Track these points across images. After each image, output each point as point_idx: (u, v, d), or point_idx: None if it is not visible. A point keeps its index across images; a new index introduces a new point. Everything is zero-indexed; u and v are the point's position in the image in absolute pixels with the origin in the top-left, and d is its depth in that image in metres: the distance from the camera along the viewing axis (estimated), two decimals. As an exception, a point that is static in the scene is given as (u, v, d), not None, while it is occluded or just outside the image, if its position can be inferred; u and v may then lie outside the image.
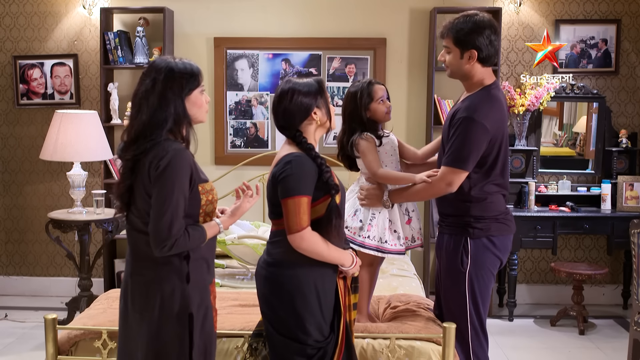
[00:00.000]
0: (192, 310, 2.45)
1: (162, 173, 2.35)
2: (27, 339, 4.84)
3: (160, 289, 2.44)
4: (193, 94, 2.48)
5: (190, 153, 2.46)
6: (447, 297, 3.21)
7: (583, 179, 5.70)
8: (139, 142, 2.42)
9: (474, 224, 3.09)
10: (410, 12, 5.60)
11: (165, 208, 2.34)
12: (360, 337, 3.07)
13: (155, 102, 2.42)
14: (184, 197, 2.39)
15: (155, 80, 2.43)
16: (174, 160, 2.36)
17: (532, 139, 5.58)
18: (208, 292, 2.55)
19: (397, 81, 5.62)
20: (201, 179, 2.49)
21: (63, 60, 5.71)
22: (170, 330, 2.44)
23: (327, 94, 2.73)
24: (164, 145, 2.39)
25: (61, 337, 3.14)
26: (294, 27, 5.63)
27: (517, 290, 5.60)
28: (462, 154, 2.97)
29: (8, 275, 5.95)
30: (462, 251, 3.10)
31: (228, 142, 5.73)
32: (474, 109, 2.98)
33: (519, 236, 5.26)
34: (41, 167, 5.80)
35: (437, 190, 3.07)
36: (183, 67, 2.47)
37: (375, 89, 3.23)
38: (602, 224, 5.35)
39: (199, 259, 2.50)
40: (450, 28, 3.07)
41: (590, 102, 5.61)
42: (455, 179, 3.01)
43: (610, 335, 5.11)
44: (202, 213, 2.51)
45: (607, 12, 5.59)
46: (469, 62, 3.06)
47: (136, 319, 2.50)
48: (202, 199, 2.48)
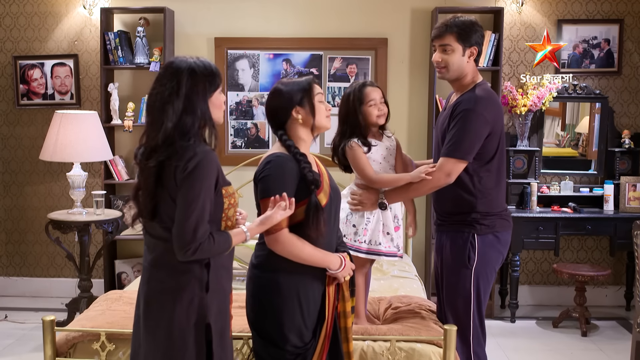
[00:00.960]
0: (210, 320, 2.38)
1: (189, 175, 2.29)
2: (27, 340, 4.82)
3: (178, 297, 2.37)
4: (214, 95, 2.43)
5: (216, 155, 2.39)
6: (450, 296, 3.18)
7: (585, 179, 5.67)
8: (165, 147, 2.34)
9: (481, 221, 3.10)
10: (412, 12, 5.58)
11: (192, 210, 2.28)
12: (361, 340, 3.04)
13: (181, 106, 2.35)
14: (210, 200, 2.33)
15: (179, 82, 2.36)
16: (202, 163, 2.30)
17: (535, 140, 5.55)
18: (227, 301, 2.49)
19: (398, 81, 5.60)
20: (225, 182, 2.44)
21: (63, 60, 5.69)
22: (187, 340, 2.38)
23: (314, 93, 2.67)
24: (192, 147, 2.33)
25: (59, 339, 3.12)
26: (294, 27, 5.61)
27: (519, 292, 5.56)
28: (462, 144, 2.99)
29: (8, 276, 5.93)
30: (469, 248, 3.10)
31: (229, 142, 5.71)
32: (475, 101, 3.01)
33: (521, 237, 5.24)
34: (42, 167, 5.79)
35: (435, 182, 3.05)
36: (204, 67, 2.41)
37: (367, 92, 3.18)
38: (604, 225, 5.32)
39: (220, 267, 2.44)
40: (450, 26, 3.06)
41: (592, 103, 5.59)
42: (454, 169, 3.01)
43: (612, 337, 5.08)
44: (224, 217, 2.45)
45: (609, 12, 5.56)
46: (468, 60, 3.10)
47: (150, 327, 2.42)
48: (224, 202, 2.42)
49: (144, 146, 2.42)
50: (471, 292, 3.12)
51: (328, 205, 2.64)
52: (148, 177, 2.37)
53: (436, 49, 3.13)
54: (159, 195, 2.37)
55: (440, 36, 3.09)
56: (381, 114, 3.19)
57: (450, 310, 3.18)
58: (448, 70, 3.11)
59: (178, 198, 2.31)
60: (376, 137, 3.25)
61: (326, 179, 2.69)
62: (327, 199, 2.64)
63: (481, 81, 3.15)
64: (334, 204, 2.70)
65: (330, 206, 2.66)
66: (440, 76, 3.17)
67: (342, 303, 2.73)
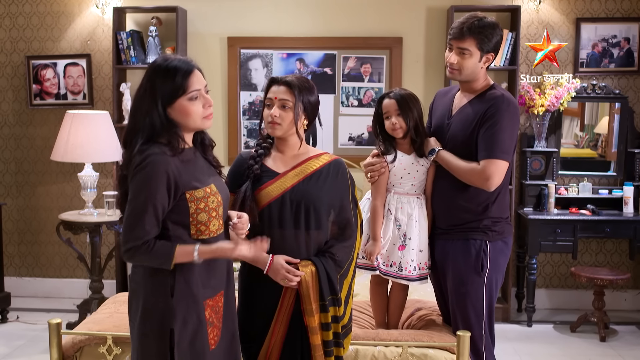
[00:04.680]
0: (174, 327, 2.30)
1: (133, 178, 2.26)
2: (38, 342, 4.80)
3: (144, 300, 2.33)
4: (177, 103, 2.30)
5: (168, 158, 2.27)
6: (461, 306, 3.08)
7: (604, 181, 5.56)
8: (126, 150, 2.34)
9: (492, 227, 3.04)
10: (427, 11, 5.50)
11: (129, 212, 2.26)
12: (372, 345, 2.97)
13: (136, 107, 2.32)
14: (154, 205, 2.24)
15: (142, 85, 2.33)
16: (146, 166, 2.24)
17: (552, 140, 5.45)
18: (201, 308, 2.37)
19: (413, 81, 5.51)
20: (190, 185, 2.32)
21: (76, 60, 5.67)
22: (151, 344, 2.33)
23: (268, 91, 2.71)
24: (139, 152, 2.26)
25: (66, 342, 3.07)
26: (308, 26, 5.55)
27: (536, 295, 5.46)
28: (505, 145, 2.95)
29: (21, 276, 5.92)
30: (482, 256, 3.03)
31: (242, 142, 5.66)
32: (508, 102, 2.99)
33: (539, 240, 5.16)
34: (54, 168, 5.77)
35: (476, 180, 2.96)
36: (165, 69, 2.30)
37: (383, 104, 3.13)
38: (624, 228, 5.20)
39: (191, 273, 2.34)
40: (473, 29, 2.94)
41: (612, 103, 5.48)
42: (498, 170, 2.94)
43: (632, 342, 4.98)
44: (194, 222, 2.35)
45: (629, 10, 5.45)
46: (483, 65, 3.03)
47: (131, 326, 2.43)
48: (190, 207, 2.32)
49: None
50: (483, 301, 3.04)
51: (279, 201, 2.66)
52: (120, 187, 2.37)
53: (452, 48, 3.02)
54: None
55: (460, 38, 2.97)
56: (394, 127, 3.09)
57: (461, 319, 3.08)
58: (461, 73, 3.02)
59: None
60: (404, 150, 3.15)
61: (291, 176, 2.69)
62: (280, 194, 2.67)
63: (494, 83, 3.10)
64: (294, 205, 2.67)
65: (285, 203, 2.66)
66: (450, 76, 3.09)
67: (307, 317, 2.65)
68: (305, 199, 2.67)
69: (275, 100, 2.67)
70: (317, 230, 2.70)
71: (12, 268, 5.91)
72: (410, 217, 3.10)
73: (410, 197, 3.13)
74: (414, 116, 3.09)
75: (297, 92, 2.66)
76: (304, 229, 2.68)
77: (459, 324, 3.09)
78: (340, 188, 2.76)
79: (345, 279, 2.77)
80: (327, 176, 2.74)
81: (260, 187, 2.69)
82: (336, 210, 2.76)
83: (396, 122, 3.08)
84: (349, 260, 2.77)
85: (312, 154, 2.79)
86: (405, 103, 3.08)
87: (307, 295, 2.64)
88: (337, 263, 2.72)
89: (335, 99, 5.57)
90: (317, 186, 2.71)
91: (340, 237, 2.77)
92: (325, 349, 2.67)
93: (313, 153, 2.80)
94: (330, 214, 2.75)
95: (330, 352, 2.68)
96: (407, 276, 3.11)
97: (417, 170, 3.12)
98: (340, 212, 2.76)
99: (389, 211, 3.13)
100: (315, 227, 2.70)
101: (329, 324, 2.68)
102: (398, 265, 3.11)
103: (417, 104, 3.13)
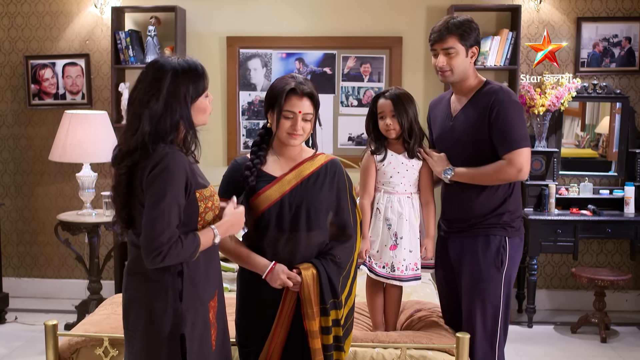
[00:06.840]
0: (185, 331, 2.29)
1: (154, 178, 2.20)
2: (36, 343, 4.77)
3: (151, 307, 2.29)
4: (199, 99, 2.32)
5: (185, 157, 2.28)
6: (479, 303, 3.06)
7: (605, 181, 5.54)
8: (137, 152, 2.25)
9: (511, 223, 3.07)
10: (427, 10, 5.47)
11: (157, 215, 2.18)
12: (370, 347, 2.95)
13: (160, 110, 2.24)
14: (178, 204, 2.22)
15: (160, 84, 2.26)
16: (167, 165, 2.19)
17: (553, 140, 5.43)
18: (206, 310, 2.37)
19: (413, 81, 5.49)
20: (199, 184, 2.32)
21: (75, 60, 5.65)
22: (161, 352, 2.29)
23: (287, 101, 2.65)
24: (159, 150, 2.23)
25: (62, 344, 3.06)
26: (307, 25, 5.53)
27: (537, 296, 5.43)
28: (520, 133, 2.98)
29: (20, 277, 5.90)
30: (502, 252, 3.04)
31: (240, 142, 5.63)
32: (507, 92, 3.03)
33: (539, 240, 5.13)
34: (53, 168, 5.75)
35: (507, 176, 2.99)
36: (188, 69, 2.29)
37: (379, 104, 3.13)
38: (625, 228, 5.17)
39: (195, 274, 2.33)
40: (450, 27, 3.00)
41: (613, 103, 5.45)
42: (523, 159, 2.97)
43: (633, 343, 4.95)
44: (201, 221, 2.34)
45: (630, 9, 5.42)
46: (470, 60, 3.06)
47: (129, 335, 2.38)
48: (200, 206, 2.31)
49: (119, 148, 2.34)
50: (501, 298, 3.06)
51: (278, 205, 2.65)
52: (119, 184, 2.30)
53: (438, 54, 3.05)
54: (131, 203, 2.30)
55: (441, 39, 3.01)
56: (388, 128, 3.09)
57: (480, 316, 3.06)
58: (453, 73, 3.04)
59: (145, 203, 2.22)
60: (396, 149, 3.15)
61: (288, 179, 2.68)
62: (279, 197, 2.65)
63: (487, 80, 3.13)
64: (293, 207, 2.65)
65: (284, 206, 2.64)
66: (443, 79, 3.10)
67: (307, 321, 2.63)
68: (304, 201, 2.66)
69: (300, 115, 2.63)
70: (317, 232, 2.68)
71: (11, 268, 5.89)
72: (401, 216, 3.10)
73: (400, 195, 3.12)
74: (409, 117, 3.10)
75: (316, 104, 2.68)
76: (304, 231, 2.66)
77: (476, 320, 3.06)
78: (338, 189, 2.74)
79: (347, 280, 2.75)
80: (325, 177, 2.72)
81: (258, 191, 2.66)
82: (335, 211, 2.74)
83: (390, 123, 3.08)
84: (350, 261, 2.75)
85: (306, 156, 2.77)
86: (401, 104, 3.08)
87: (308, 299, 2.61)
88: (339, 265, 2.70)
89: (335, 99, 5.55)
90: (315, 188, 2.69)
91: (340, 238, 2.75)
92: (325, 353, 2.65)
93: (308, 154, 2.78)
94: (329, 215, 2.73)
95: (330, 357, 2.66)
96: (399, 276, 3.10)
97: (407, 170, 3.13)
98: (338, 213, 2.74)
99: (377, 210, 3.12)
100: (315, 228, 2.68)
101: (330, 328, 2.65)
102: (390, 266, 3.10)
103: (413, 105, 3.13)
